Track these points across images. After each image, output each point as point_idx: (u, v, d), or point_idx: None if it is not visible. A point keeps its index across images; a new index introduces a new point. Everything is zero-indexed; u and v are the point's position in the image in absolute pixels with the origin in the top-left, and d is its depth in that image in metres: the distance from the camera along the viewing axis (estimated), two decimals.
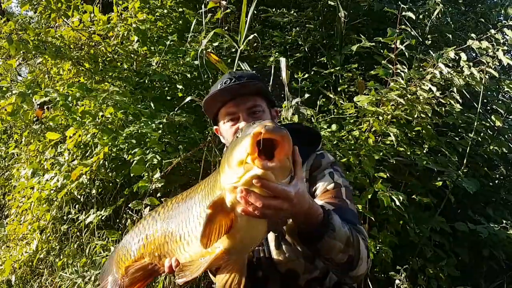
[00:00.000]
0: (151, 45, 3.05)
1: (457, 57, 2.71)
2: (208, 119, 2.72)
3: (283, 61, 2.33)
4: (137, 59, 3.02)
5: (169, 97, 2.99)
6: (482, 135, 3.02)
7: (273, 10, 3.44)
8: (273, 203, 0.87)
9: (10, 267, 3.00)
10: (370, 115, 2.65)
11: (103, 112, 2.68)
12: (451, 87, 2.72)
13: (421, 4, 3.78)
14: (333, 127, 2.69)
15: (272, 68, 2.73)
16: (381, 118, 2.63)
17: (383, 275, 2.60)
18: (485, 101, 3.38)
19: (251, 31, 2.82)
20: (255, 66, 3.23)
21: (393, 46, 2.78)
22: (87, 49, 2.95)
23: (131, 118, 2.64)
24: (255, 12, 2.98)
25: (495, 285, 2.75)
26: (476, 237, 2.67)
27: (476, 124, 2.79)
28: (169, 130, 2.62)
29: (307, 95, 2.87)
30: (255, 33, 2.50)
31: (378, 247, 2.47)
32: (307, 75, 3.02)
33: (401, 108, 2.63)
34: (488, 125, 3.00)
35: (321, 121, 2.81)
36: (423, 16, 3.56)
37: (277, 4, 3.66)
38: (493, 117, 2.88)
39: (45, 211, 3.10)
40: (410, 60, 2.87)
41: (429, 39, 3.46)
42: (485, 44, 2.67)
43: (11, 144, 3.77)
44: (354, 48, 3.05)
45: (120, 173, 2.78)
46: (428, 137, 2.77)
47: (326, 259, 1.09)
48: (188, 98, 2.41)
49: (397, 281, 2.35)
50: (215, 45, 2.96)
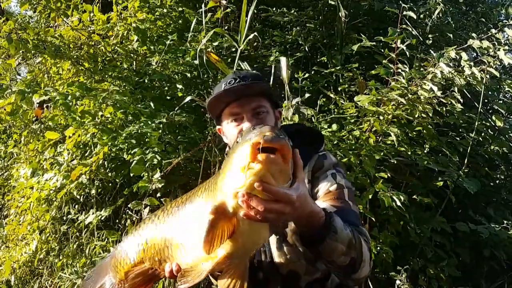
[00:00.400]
0: (150, 45, 3.04)
1: (458, 57, 2.70)
2: (208, 119, 2.71)
3: (284, 60, 2.32)
4: (137, 59, 3.01)
5: (168, 97, 2.97)
6: (483, 135, 3.02)
7: (273, 9, 3.42)
8: (275, 206, 0.86)
9: (9, 268, 3.00)
10: (370, 114, 2.64)
11: (103, 112, 2.67)
12: (452, 86, 2.71)
13: (421, 3, 3.76)
14: (334, 127, 2.68)
15: (272, 67, 2.72)
16: (381, 118, 2.62)
17: (383, 276, 2.59)
18: (486, 101, 3.38)
19: (251, 30, 2.81)
20: (255, 65, 3.22)
21: (393, 45, 2.77)
22: (86, 49, 2.94)
23: (130, 118, 2.63)
24: (255, 11, 2.96)
25: (496, 285, 2.75)
26: (477, 237, 2.66)
27: (477, 124, 2.78)
28: (169, 130, 2.61)
29: (307, 95, 2.86)
30: (255, 33, 2.49)
31: (378, 248, 2.46)
32: (307, 75, 3.01)
33: (402, 108, 2.62)
34: (488, 125, 3.00)
35: (322, 120, 2.80)
36: (423, 15, 3.55)
37: (277, 3, 3.65)
38: (494, 117, 2.88)
39: (45, 211, 3.09)
40: (410, 59, 2.86)
41: (430, 38, 3.45)
42: (486, 43, 2.65)
43: (10, 143, 3.75)
44: (355, 47, 3.04)
45: (119, 173, 2.77)
46: (429, 137, 2.77)
47: (328, 261, 1.08)
48: (188, 98, 2.40)
49: (398, 282, 2.34)
50: (215, 44, 2.95)
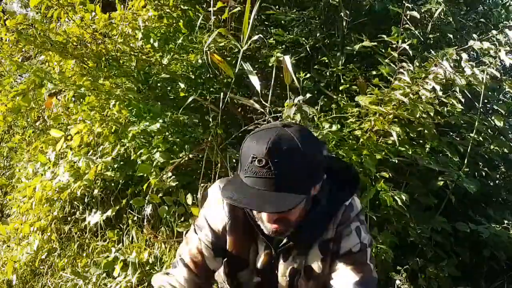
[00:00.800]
0: (157, 42, 3.00)
1: (459, 58, 2.71)
2: (210, 119, 2.70)
3: (287, 58, 2.30)
4: (141, 57, 3.00)
5: (171, 96, 2.97)
6: (483, 135, 3.03)
7: (276, 7, 3.42)
8: None
9: (11, 268, 3.00)
10: (372, 114, 2.65)
11: (110, 109, 2.67)
12: (452, 87, 2.71)
13: (421, 3, 3.77)
14: (334, 127, 2.68)
15: (273, 67, 2.72)
16: (382, 117, 2.62)
17: (383, 276, 2.60)
18: (486, 101, 3.39)
19: (255, 29, 2.80)
20: (256, 66, 3.22)
21: (395, 45, 2.78)
22: (91, 47, 2.93)
23: (133, 118, 2.62)
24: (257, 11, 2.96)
25: (496, 285, 2.76)
26: (476, 237, 2.68)
27: (476, 124, 2.80)
28: (174, 129, 2.61)
29: (308, 95, 2.86)
30: (260, 35, 2.49)
31: (378, 248, 2.47)
32: (309, 75, 3.01)
33: (403, 108, 2.63)
34: (488, 125, 3.01)
35: (323, 120, 2.80)
36: (424, 15, 3.55)
37: (278, 3, 3.64)
38: (494, 117, 2.89)
39: (47, 211, 3.09)
40: (412, 59, 2.87)
41: (431, 39, 3.46)
42: (486, 44, 2.67)
43: (14, 139, 3.74)
44: (356, 47, 3.04)
45: (122, 172, 2.77)
46: (430, 137, 2.77)
47: None
48: (191, 97, 2.41)
49: (398, 282, 2.35)
50: (220, 45, 2.94)
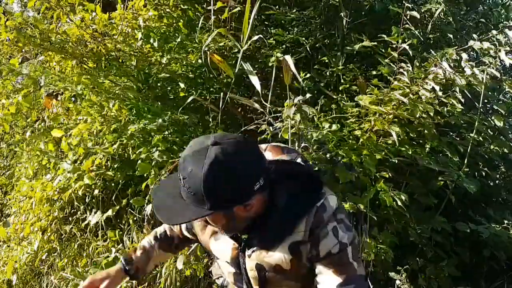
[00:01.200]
0: (157, 42, 3.00)
1: (459, 58, 2.71)
2: (210, 119, 2.71)
3: (289, 58, 2.29)
4: (141, 57, 3.00)
5: (171, 96, 2.97)
6: (482, 135, 3.03)
7: (276, 7, 3.42)
8: None
9: (12, 268, 3.00)
10: (372, 114, 2.65)
11: (109, 107, 2.68)
12: (452, 87, 2.72)
13: (421, 3, 3.77)
14: (334, 127, 2.68)
15: (273, 67, 2.72)
16: (382, 117, 2.62)
17: (383, 275, 2.60)
18: (486, 101, 3.39)
19: (255, 29, 2.80)
20: (256, 66, 3.22)
21: (395, 45, 2.78)
22: (90, 47, 2.94)
23: (133, 117, 2.63)
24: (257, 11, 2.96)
25: (496, 285, 2.76)
26: (476, 237, 2.67)
27: (476, 124, 2.80)
28: (173, 128, 2.61)
29: (308, 95, 2.86)
30: (260, 35, 2.49)
31: (378, 248, 2.47)
32: (309, 75, 3.01)
33: (403, 108, 2.63)
34: (488, 125, 3.01)
35: (323, 120, 2.80)
36: (424, 15, 3.55)
37: (278, 3, 3.64)
38: (494, 117, 2.89)
39: (47, 211, 3.09)
40: (411, 59, 2.87)
41: (431, 39, 3.46)
42: (486, 44, 2.67)
43: (17, 138, 3.73)
44: (356, 47, 3.04)
45: (122, 172, 2.77)
46: (430, 137, 2.77)
47: None
48: (190, 97, 2.41)
49: (398, 282, 2.35)
50: (220, 45, 2.94)
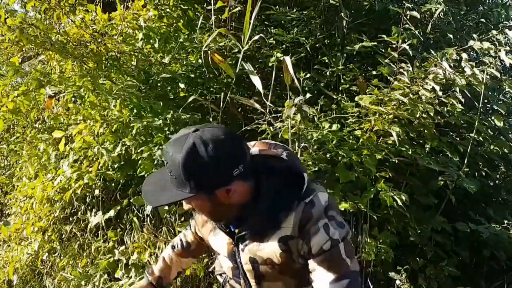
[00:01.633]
0: (157, 42, 3.00)
1: (459, 58, 2.71)
2: (211, 119, 2.71)
3: (288, 59, 2.30)
4: (141, 58, 3.00)
5: (171, 96, 2.98)
6: (482, 135, 3.03)
7: (276, 7, 3.42)
8: None
9: (12, 268, 3.00)
10: (372, 114, 2.65)
11: (110, 108, 2.68)
12: (452, 87, 2.72)
13: (421, 3, 3.77)
14: (334, 127, 2.68)
15: (274, 67, 2.72)
16: (382, 118, 2.62)
17: (383, 275, 2.60)
18: (486, 101, 3.39)
19: (255, 29, 2.80)
20: (256, 66, 3.22)
21: (395, 45, 2.78)
22: (91, 47, 2.94)
23: (133, 117, 2.63)
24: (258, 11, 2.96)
25: (496, 285, 2.76)
26: (476, 237, 2.68)
27: (476, 124, 2.80)
28: (175, 127, 2.61)
29: (308, 95, 2.86)
30: (261, 34, 2.49)
31: (378, 247, 2.47)
32: (309, 75, 3.01)
33: (403, 108, 2.63)
34: (488, 125, 3.01)
35: (323, 120, 2.80)
36: (424, 15, 3.55)
37: (278, 3, 3.65)
38: (494, 117, 2.89)
39: (47, 211, 3.09)
40: (412, 59, 2.87)
41: (431, 39, 3.46)
42: (486, 44, 2.67)
43: (17, 139, 3.73)
44: (356, 47, 3.04)
45: (123, 172, 2.77)
46: (430, 137, 2.78)
47: None
48: (191, 97, 2.42)
49: (398, 282, 2.36)
50: (220, 45, 2.94)
